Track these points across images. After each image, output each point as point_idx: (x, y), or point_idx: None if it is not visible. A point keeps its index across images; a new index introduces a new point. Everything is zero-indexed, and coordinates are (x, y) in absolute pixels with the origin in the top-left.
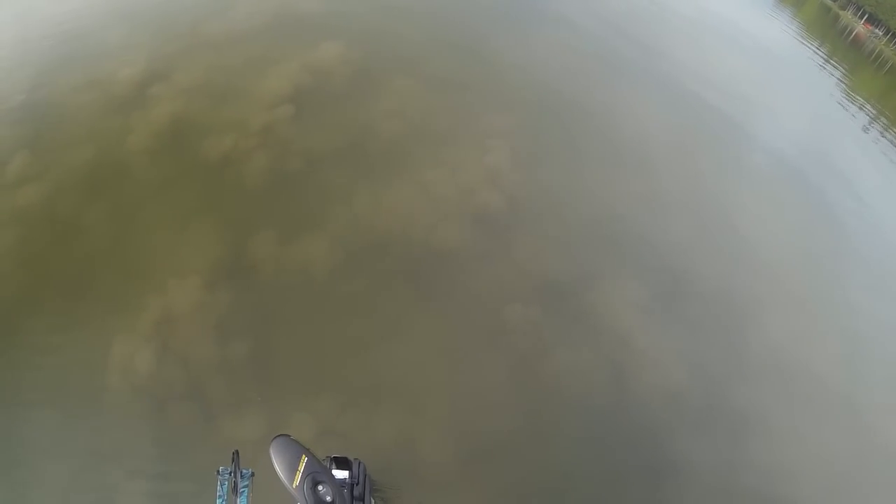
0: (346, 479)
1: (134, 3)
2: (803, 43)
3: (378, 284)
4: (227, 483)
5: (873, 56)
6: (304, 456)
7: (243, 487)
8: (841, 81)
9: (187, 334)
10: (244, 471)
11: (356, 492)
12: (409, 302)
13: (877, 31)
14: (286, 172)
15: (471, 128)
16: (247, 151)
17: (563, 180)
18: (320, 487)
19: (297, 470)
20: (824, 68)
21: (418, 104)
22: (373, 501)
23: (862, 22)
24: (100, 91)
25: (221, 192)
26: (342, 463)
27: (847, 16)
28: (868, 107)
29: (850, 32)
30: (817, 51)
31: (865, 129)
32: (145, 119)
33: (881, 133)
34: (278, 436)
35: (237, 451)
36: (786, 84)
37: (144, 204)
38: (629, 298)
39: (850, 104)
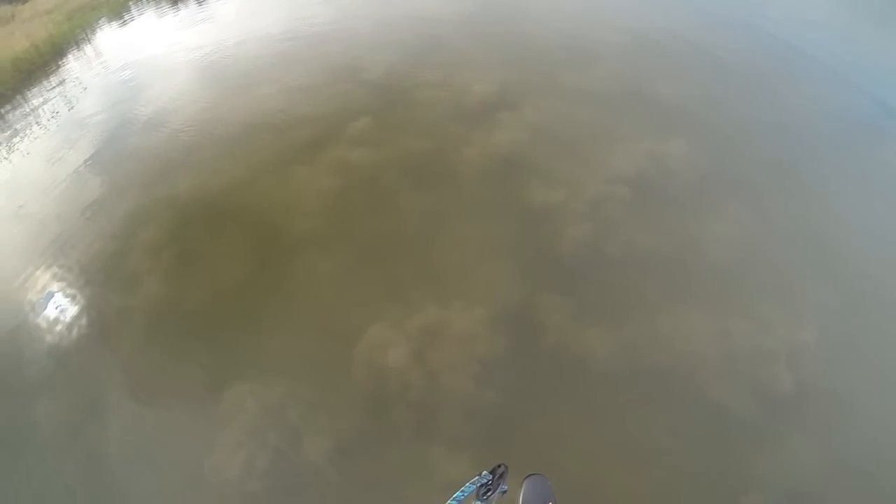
0: None
1: (494, 28)
2: None
3: (648, 421)
4: (479, 486)
5: None
6: None
7: (490, 496)
8: None
9: (448, 356)
10: (503, 486)
11: None
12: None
13: None
14: (602, 253)
15: (795, 294)
16: (572, 215)
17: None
18: None
19: None
20: None
21: (751, 237)
22: None
23: None
24: (450, 94)
25: (532, 241)
26: None
27: None
28: None
29: None
30: None
31: None
32: (486, 138)
33: None
34: (533, 475)
35: (506, 466)
36: None
37: (458, 214)
38: None
39: None
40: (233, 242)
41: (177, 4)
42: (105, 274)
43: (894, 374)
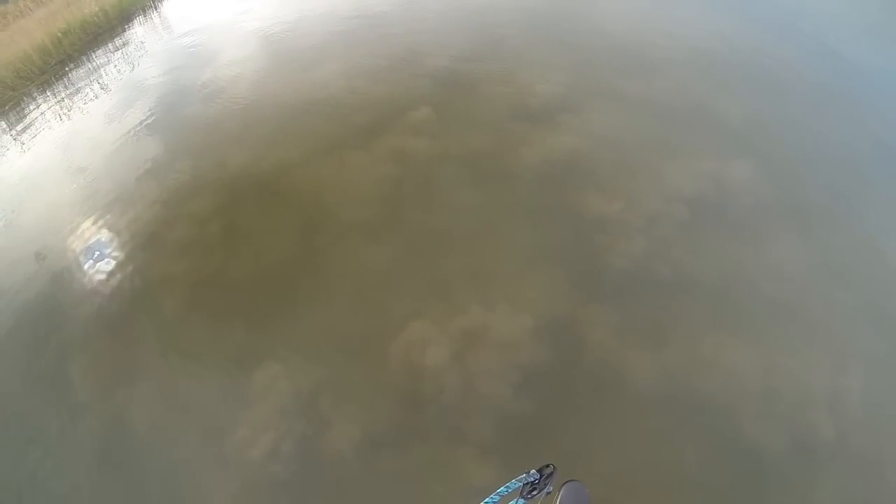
0: None
1: (559, 29)
2: None
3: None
4: (525, 484)
5: None
6: None
7: (535, 495)
8: None
9: (488, 360)
10: (549, 487)
11: None
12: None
13: None
14: (652, 272)
15: (844, 338)
16: (626, 229)
17: None
18: None
19: None
20: None
21: (804, 273)
22: None
23: None
24: (513, 91)
25: (583, 251)
26: None
27: None
28: None
29: None
30: None
31: None
32: (545, 140)
33: None
34: (573, 481)
35: (555, 467)
36: None
37: (510, 216)
38: None
39: None
40: (280, 221)
41: None
42: (152, 239)
43: None
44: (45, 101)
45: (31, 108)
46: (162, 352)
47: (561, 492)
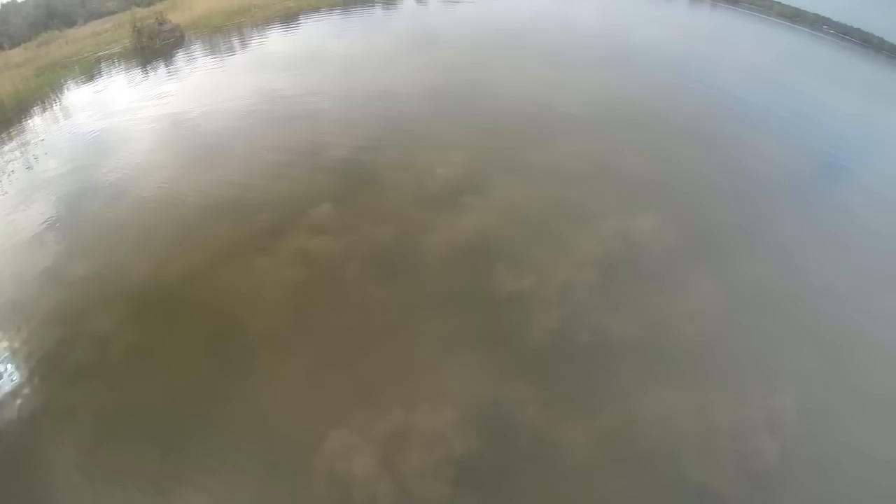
0: None
1: (458, 103)
2: None
3: None
4: None
5: None
6: None
7: None
8: None
9: (418, 460)
10: None
11: None
12: None
13: None
14: (572, 341)
15: (770, 361)
16: (540, 302)
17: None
18: None
19: None
20: None
21: (722, 308)
22: None
23: None
24: (414, 177)
25: (500, 332)
26: None
27: None
28: None
29: None
30: None
31: None
32: (450, 224)
33: None
34: None
35: None
36: None
37: (423, 307)
38: None
39: None
40: (188, 336)
41: (147, 70)
42: (50, 364)
43: (877, 428)
44: None
45: None
46: (71, 489)
47: None
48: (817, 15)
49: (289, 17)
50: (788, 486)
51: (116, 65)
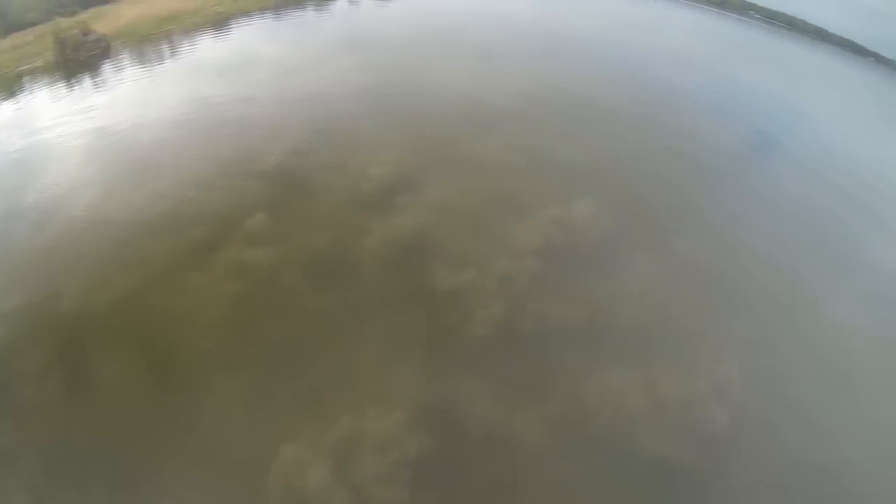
0: None
1: (389, 102)
2: None
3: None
4: None
5: None
6: None
7: None
8: None
9: (372, 466)
10: None
11: None
12: None
13: None
14: (516, 332)
15: (712, 331)
16: (480, 296)
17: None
18: None
19: None
20: None
21: (662, 286)
22: None
23: None
24: (347, 180)
25: (443, 329)
26: None
27: None
28: None
29: None
30: None
31: None
32: (386, 225)
33: None
34: None
35: None
36: None
37: (364, 311)
38: None
39: None
40: (126, 365)
41: (72, 83)
42: None
43: (818, 385)
44: None
45: None
46: None
47: None
48: (744, 1)
49: (219, 23)
50: (741, 447)
51: (39, 79)
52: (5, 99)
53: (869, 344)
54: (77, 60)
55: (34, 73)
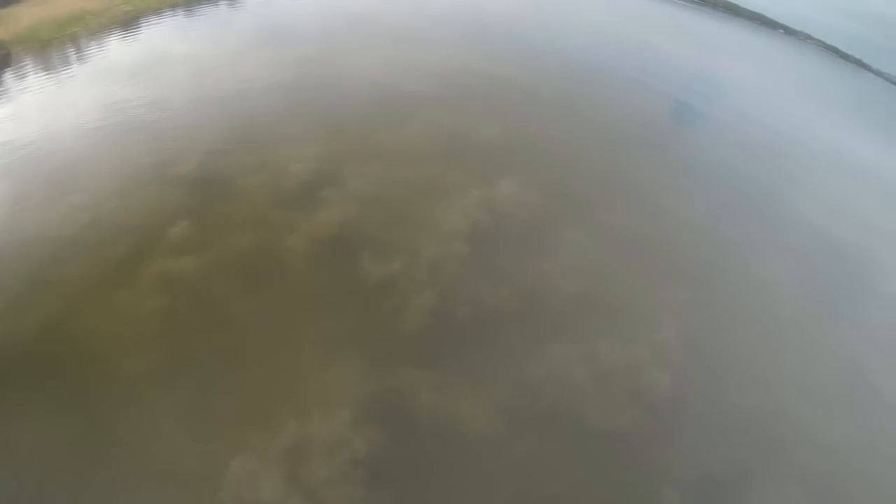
0: None
1: (308, 93)
2: None
3: (536, 459)
4: None
5: None
6: None
7: None
8: None
9: (324, 469)
10: None
11: None
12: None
13: None
14: (451, 317)
15: (647, 299)
16: (412, 284)
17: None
18: None
19: None
20: None
21: (593, 258)
22: None
23: None
24: (269, 178)
25: (377, 321)
26: None
27: None
28: None
29: None
30: None
31: None
32: (310, 221)
33: None
34: None
35: None
36: None
37: (297, 313)
38: None
39: None
40: (58, 395)
41: None
42: None
43: (754, 344)
44: None
45: None
46: None
47: None
48: None
49: (127, 23)
50: (686, 409)
51: None
52: None
53: (796, 296)
54: None
55: None
